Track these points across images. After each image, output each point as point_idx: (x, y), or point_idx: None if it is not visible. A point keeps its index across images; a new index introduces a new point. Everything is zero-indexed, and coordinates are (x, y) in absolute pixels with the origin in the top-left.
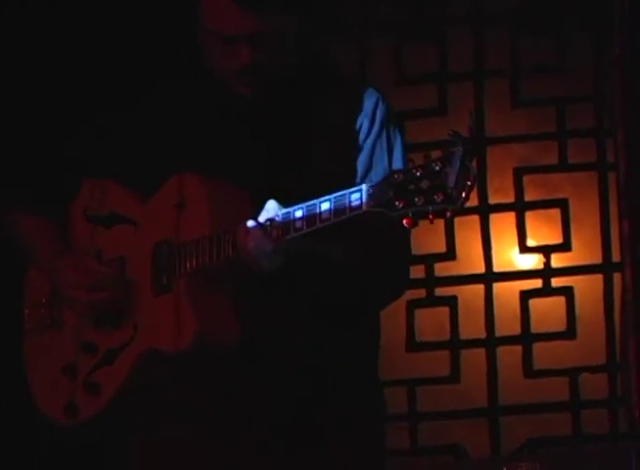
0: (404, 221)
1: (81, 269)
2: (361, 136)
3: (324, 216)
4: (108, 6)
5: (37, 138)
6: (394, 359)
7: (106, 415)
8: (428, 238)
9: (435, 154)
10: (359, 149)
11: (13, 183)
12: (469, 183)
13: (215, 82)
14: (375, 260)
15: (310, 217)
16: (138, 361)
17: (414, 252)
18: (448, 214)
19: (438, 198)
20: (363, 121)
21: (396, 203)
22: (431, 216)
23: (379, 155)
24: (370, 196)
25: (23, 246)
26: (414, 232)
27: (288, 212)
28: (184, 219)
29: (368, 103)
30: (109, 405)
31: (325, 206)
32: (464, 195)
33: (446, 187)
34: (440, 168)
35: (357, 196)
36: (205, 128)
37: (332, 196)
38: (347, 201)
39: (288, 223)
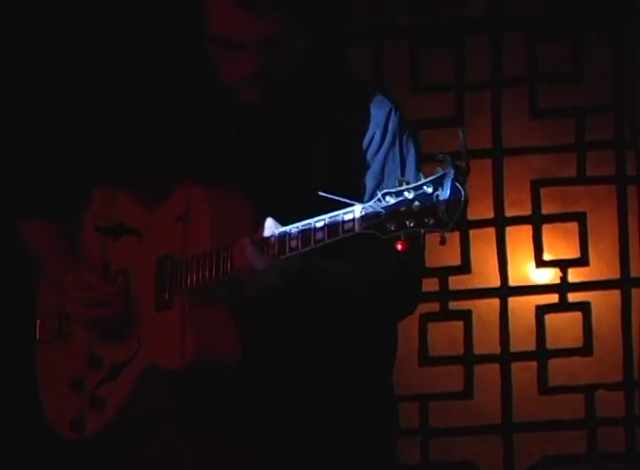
0: (398, 245)
1: (82, 285)
2: (373, 148)
3: (318, 237)
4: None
5: (47, 145)
6: (407, 374)
7: (110, 431)
8: (442, 250)
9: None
10: (370, 160)
11: (25, 191)
12: (460, 207)
13: (222, 89)
14: (379, 279)
15: (305, 237)
16: (141, 377)
17: (428, 264)
18: (439, 239)
19: (429, 221)
20: (375, 132)
21: (388, 225)
22: (422, 241)
23: (391, 167)
24: (362, 218)
25: (35, 257)
26: (428, 244)
27: (284, 232)
28: (187, 233)
29: (380, 113)
30: (112, 422)
31: (319, 225)
32: (454, 219)
33: (437, 211)
34: (432, 191)
35: (350, 217)
36: (212, 137)
37: (327, 216)
38: (341, 221)
39: (284, 242)
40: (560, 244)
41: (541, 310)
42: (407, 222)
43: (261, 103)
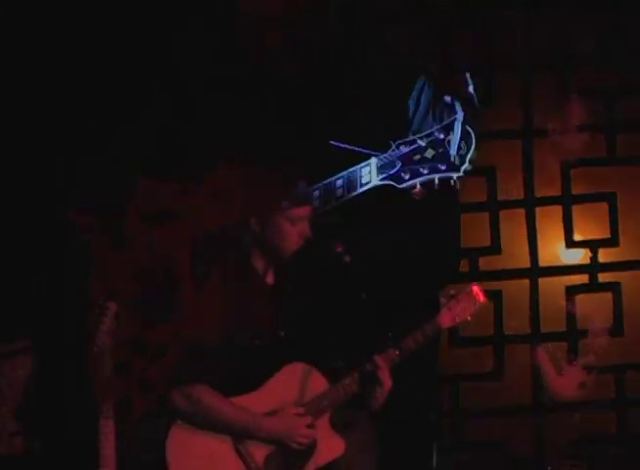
0: (414, 192)
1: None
2: (407, 116)
3: (338, 193)
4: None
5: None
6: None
7: (155, 412)
8: (472, 231)
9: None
10: (407, 128)
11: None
12: (471, 149)
13: (258, 68)
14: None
15: (327, 194)
16: (182, 355)
17: None
18: (452, 182)
19: (442, 166)
20: (409, 103)
21: (403, 174)
22: (436, 187)
23: None
24: (379, 169)
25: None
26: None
27: (309, 191)
28: (220, 208)
29: (414, 85)
30: (158, 401)
31: (339, 182)
32: (467, 161)
33: (449, 155)
34: (444, 136)
35: (367, 170)
36: (250, 114)
37: (346, 172)
38: (358, 176)
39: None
40: (590, 224)
41: (571, 291)
42: (421, 170)
43: (299, 78)
